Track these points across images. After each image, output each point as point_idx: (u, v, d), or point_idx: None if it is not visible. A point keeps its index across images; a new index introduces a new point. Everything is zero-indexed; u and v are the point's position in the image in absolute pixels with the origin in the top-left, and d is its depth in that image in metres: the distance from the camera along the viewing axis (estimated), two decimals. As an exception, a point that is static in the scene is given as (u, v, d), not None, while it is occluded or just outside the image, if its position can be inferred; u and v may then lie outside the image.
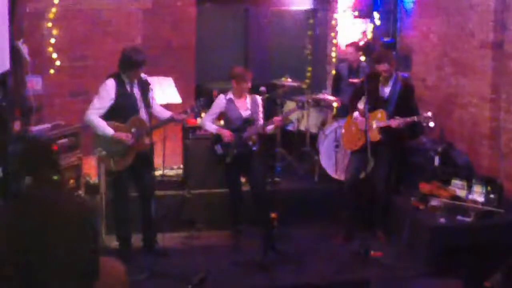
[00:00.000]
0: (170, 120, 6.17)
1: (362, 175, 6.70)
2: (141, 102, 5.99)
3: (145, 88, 6.00)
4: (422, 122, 6.30)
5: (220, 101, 6.61)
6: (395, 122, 6.29)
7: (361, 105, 6.50)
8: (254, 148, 6.53)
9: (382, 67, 6.44)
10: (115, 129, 5.87)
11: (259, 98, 6.67)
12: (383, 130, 6.37)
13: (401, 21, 9.24)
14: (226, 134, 6.48)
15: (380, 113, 6.40)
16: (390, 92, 6.48)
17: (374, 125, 6.36)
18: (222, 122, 6.78)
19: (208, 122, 6.65)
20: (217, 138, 6.55)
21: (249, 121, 6.53)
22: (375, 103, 6.39)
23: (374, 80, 6.55)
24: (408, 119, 6.27)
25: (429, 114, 6.26)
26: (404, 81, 6.69)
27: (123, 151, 5.92)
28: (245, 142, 6.50)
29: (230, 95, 6.58)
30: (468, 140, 7.39)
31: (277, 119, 6.56)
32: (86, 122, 5.95)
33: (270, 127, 6.62)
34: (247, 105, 6.60)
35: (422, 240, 6.26)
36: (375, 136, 6.34)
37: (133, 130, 5.91)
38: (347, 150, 6.94)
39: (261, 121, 6.60)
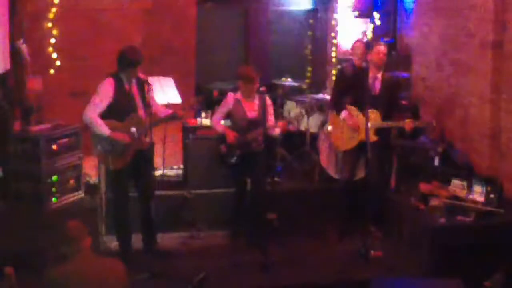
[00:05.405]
0: (168, 117, 6.16)
1: (360, 176, 6.71)
2: (140, 101, 6.00)
3: (143, 87, 5.99)
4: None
5: (228, 100, 6.51)
6: (410, 125, 6.41)
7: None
8: (258, 150, 6.46)
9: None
10: (113, 128, 5.87)
11: (268, 99, 6.54)
12: (379, 130, 6.38)
13: (401, 21, 9.23)
14: (230, 135, 6.42)
15: (373, 113, 6.39)
16: (380, 90, 6.47)
17: (369, 125, 6.32)
18: (223, 122, 6.74)
19: (216, 121, 6.58)
20: (222, 138, 6.49)
21: (254, 123, 6.42)
22: (361, 100, 6.38)
23: (362, 76, 6.52)
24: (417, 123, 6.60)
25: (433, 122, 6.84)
26: (390, 78, 6.66)
27: (121, 150, 5.92)
28: (248, 143, 6.44)
29: (238, 95, 6.49)
30: (468, 140, 7.38)
31: (281, 123, 6.51)
32: (84, 121, 5.96)
33: (277, 130, 6.54)
34: (255, 106, 6.47)
35: (422, 240, 6.25)
36: (371, 137, 6.33)
37: (132, 128, 5.91)
38: (338, 150, 6.91)
39: (270, 122, 6.46)
